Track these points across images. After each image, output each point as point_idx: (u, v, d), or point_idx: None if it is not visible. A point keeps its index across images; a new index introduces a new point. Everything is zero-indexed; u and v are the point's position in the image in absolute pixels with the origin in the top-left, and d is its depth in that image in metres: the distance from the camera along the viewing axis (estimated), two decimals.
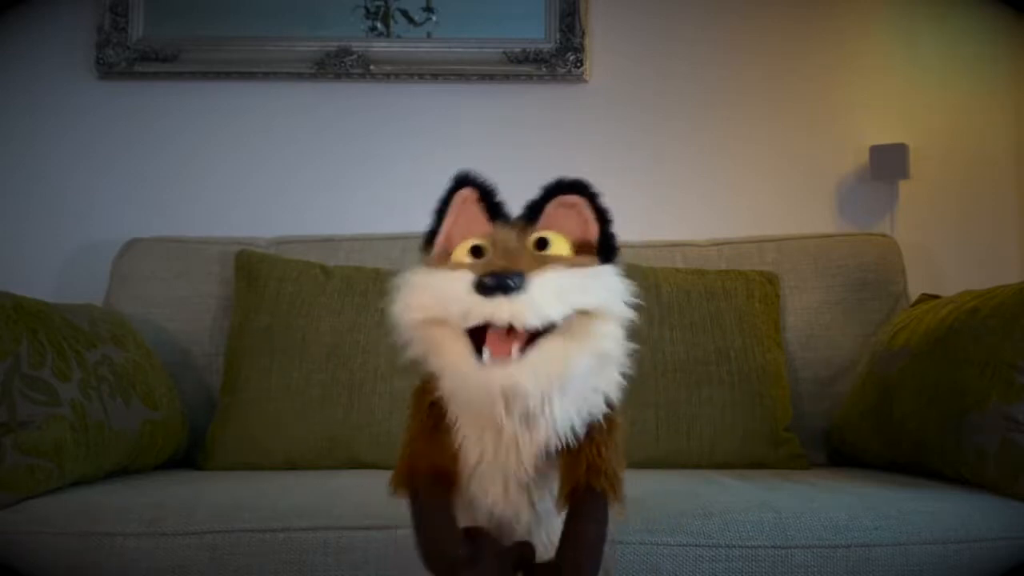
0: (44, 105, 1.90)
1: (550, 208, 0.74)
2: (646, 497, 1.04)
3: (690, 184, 1.90)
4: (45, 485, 1.11)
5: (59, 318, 1.25)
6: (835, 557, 0.98)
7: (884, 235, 1.76)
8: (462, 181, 0.77)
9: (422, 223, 1.94)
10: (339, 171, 1.91)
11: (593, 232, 0.74)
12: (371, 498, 1.04)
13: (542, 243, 0.71)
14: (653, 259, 1.65)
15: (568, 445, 0.71)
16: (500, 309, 0.64)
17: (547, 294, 0.65)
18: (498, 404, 0.67)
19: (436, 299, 0.68)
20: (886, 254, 1.68)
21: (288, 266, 1.59)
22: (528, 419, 0.69)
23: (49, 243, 1.87)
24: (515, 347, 0.65)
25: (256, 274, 1.59)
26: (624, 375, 0.73)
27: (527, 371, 0.65)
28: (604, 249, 0.74)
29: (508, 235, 0.71)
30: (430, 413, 0.74)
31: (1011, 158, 1.90)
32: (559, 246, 0.71)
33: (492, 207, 0.75)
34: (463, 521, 0.74)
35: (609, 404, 0.72)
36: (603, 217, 0.75)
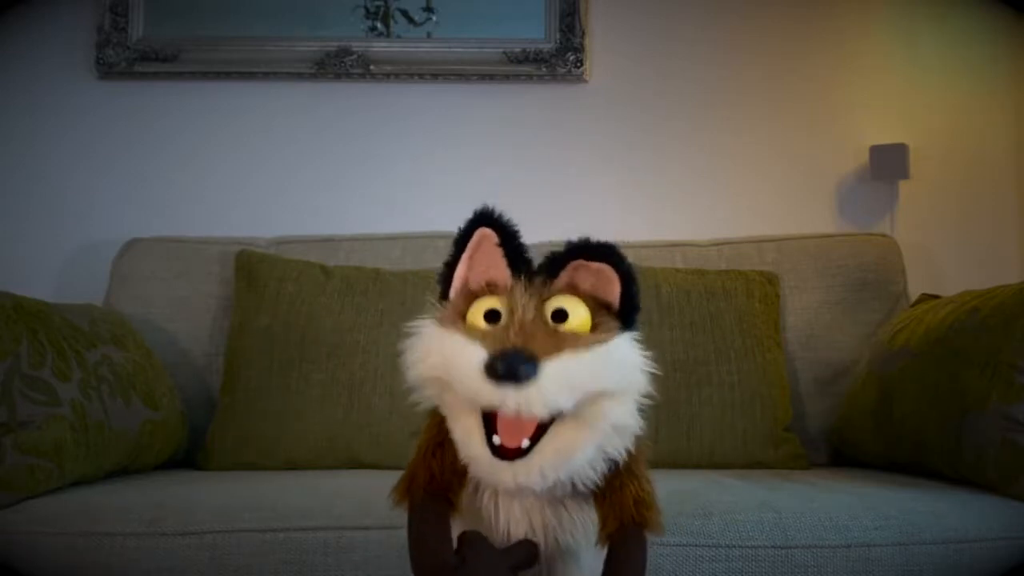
0: (44, 105, 1.90)
1: (572, 267, 0.72)
2: None
3: (690, 184, 1.90)
4: (45, 485, 1.11)
5: (59, 318, 1.25)
6: (835, 557, 0.98)
7: (884, 235, 1.76)
8: (483, 219, 0.74)
9: (422, 223, 1.95)
10: (339, 171, 1.91)
11: (615, 294, 0.71)
12: (371, 498, 1.04)
13: (559, 314, 0.69)
14: (653, 259, 1.66)
15: (601, 488, 0.72)
16: (508, 399, 0.63)
17: (559, 384, 0.64)
18: (506, 475, 0.67)
19: (447, 370, 0.67)
20: (886, 254, 1.68)
21: (288, 266, 1.59)
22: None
23: (49, 243, 1.87)
24: (525, 439, 0.66)
25: (256, 274, 1.59)
26: (646, 405, 0.71)
27: (535, 471, 0.65)
28: (625, 311, 0.71)
29: (525, 301, 0.69)
30: (442, 427, 0.73)
31: (1011, 158, 1.90)
32: (577, 317, 0.69)
33: (512, 250, 0.73)
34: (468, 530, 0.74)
35: (627, 447, 0.71)
36: (628, 280, 0.72)
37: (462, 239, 0.75)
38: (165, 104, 1.92)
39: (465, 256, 0.74)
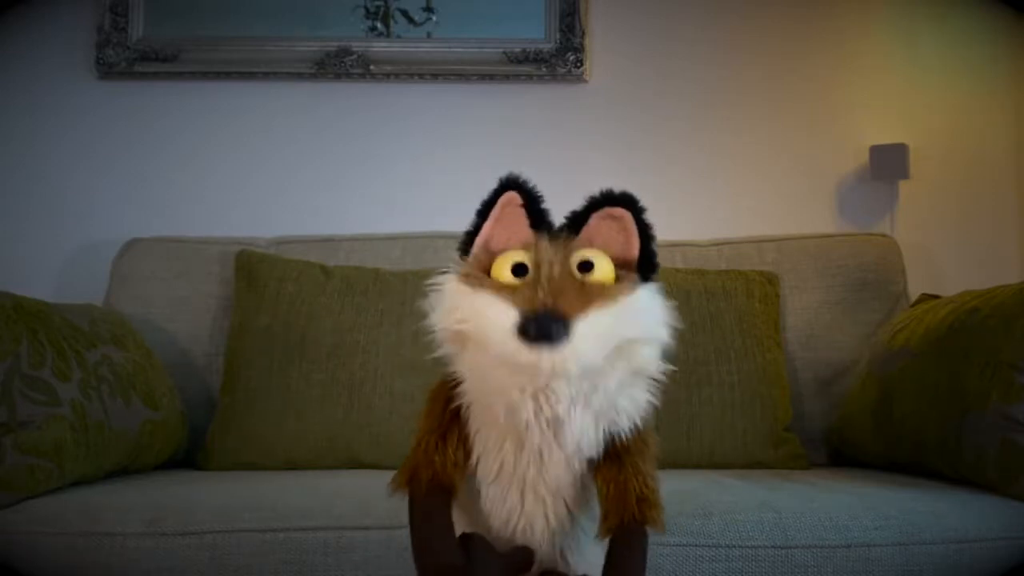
0: (44, 105, 1.90)
1: (594, 220, 0.74)
2: None
3: (690, 184, 1.90)
4: (45, 485, 1.11)
5: (59, 318, 1.25)
6: (835, 557, 0.98)
7: (884, 235, 1.76)
8: (508, 184, 0.76)
9: (422, 223, 1.94)
10: (339, 171, 1.91)
11: (635, 248, 0.74)
12: (371, 498, 1.04)
13: (585, 265, 0.70)
14: None
15: (603, 467, 0.71)
16: (543, 360, 0.64)
17: (591, 341, 0.65)
18: (528, 404, 0.67)
19: (476, 327, 0.68)
20: (886, 254, 1.68)
21: (288, 266, 1.59)
22: (554, 425, 0.68)
23: (49, 243, 1.87)
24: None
25: (256, 274, 1.59)
26: (656, 396, 0.72)
27: (572, 353, 0.65)
28: (644, 265, 0.74)
29: (551, 254, 0.70)
30: (443, 419, 0.73)
31: (1011, 158, 1.90)
32: (602, 268, 0.70)
33: (535, 213, 0.75)
34: (468, 528, 0.74)
35: (634, 425, 0.72)
36: (646, 233, 0.75)
37: (486, 206, 0.75)
38: (165, 104, 1.92)
39: (490, 219, 0.75)
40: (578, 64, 1.89)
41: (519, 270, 0.70)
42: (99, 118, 1.91)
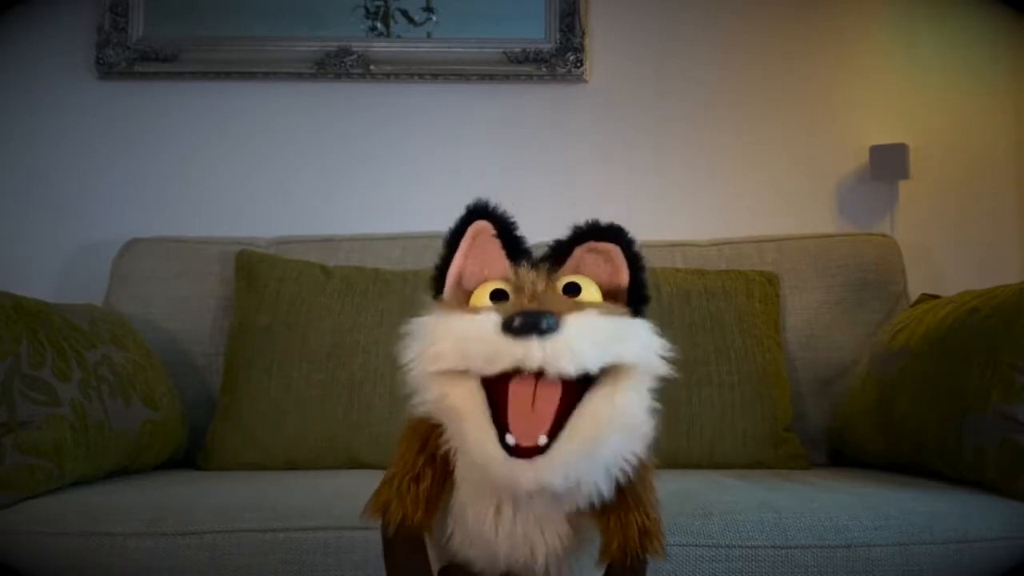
0: (44, 105, 1.90)
1: (578, 252, 0.69)
2: None
3: (690, 184, 1.90)
4: (45, 485, 1.11)
5: (59, 318, 1.25)
6: (835, 557, 0.98)
7: (884, 235, 1.76)
8: (476, 212, 0.70)
9: (422, 223, 1.94)
10: (339, 171, 1.91)
11: (623, 279, 0.69)
12: None
13: (571, 288, 0.66)
14: (653, 259, 1.64)
15: (604, 505, 0.66)
16: (532, 351, 0.58)
17: (583, 336, 0.59)
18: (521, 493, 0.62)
19: (456, 345, 0.61)
20: (886, 254, 1.68)
21: (288, 266, 1.59)
22: (550, 496, 0.63)
23: (49, 243, 1.87)
24: (542, 435, 0.60)
25: (256, 274, 1.59)
26: (653, 425, 0.66)
27: (558, 467, 0.59)
28: (635, 299, 0.69)
29: (533, 278, 0.65)
30: (417, 460, 0.68)
31: (1011, 158, 1.90)
32: (589, 292, 0.66)
33: (510, 243, 0.69)
34: (450, 556, 0.71)
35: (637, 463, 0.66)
36: (636, 264, 0.69)
37: (455, 236, 0.70)
38: (165, 104, 1.92)
39: (460, 251, 0.70)
40: (578, 64, 1.89)
41: (499, 296, 0.65)
42: (99, 118, 1.91)
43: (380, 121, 1.92)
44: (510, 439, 0.59)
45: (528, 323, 0.58)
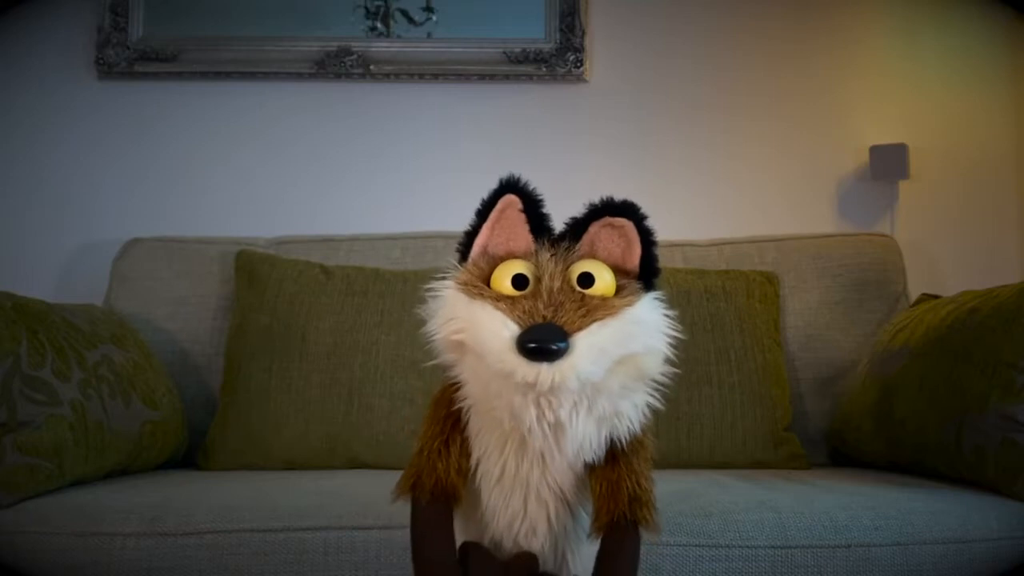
0: (44, 105, 1.90)
1: (594, 228, 0.74)
2: None
3: (690, 184, 1.90)
4: (45, 485, 1.11)
5: (59, 318, 1.25)
6: (835, 557, 0.98)
7: (884, 235, 1.76)
8: (508, 187, 0.75)
9: (422, 223, 1.93)
10: (339, 171, 1.91)
11: (635, 256, 0.74)
12: (371, 498, 1.04)
13: (586, 278, 0.70)
14: None
15: (597, 467, 0.71)
16: (543, 376, 0.64)
17: (591, 356, 0.65)
18: (531, 409, 0.67)
19: (475, 338, 0.68)
20: (886, 254, 1.68)
21: (288, 266, 1.59)
22: (556, 429, 0.68)
23: (49, 243, 1.87)
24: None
25: (256, 274, 1.59)
26: (657, 399, 0.72)
27: (571, 367, 0.65)
28: (646, 272, 0.74)
29: (551, 267, 0.70)
30: (445, 425, 0.73)
31: (1011, 158, 1.90)
32: (603, 280, 0.71)
33: (535, 218, 0.74)
34: (474, 534, 0.74)
35: (634, 428, 0.72)
36: (648, 239, 0.74)
37: (486, 207, 0.75)
38: (165, 104, 1.92)
39: (488, 222, 0.75)
40: (578, 64, 1.89)
41: (519, 281, 0.70)
42: (99, 118, 1.91)
43: (380, 121, 1.92)
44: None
45: (540, 349, 0.64)
